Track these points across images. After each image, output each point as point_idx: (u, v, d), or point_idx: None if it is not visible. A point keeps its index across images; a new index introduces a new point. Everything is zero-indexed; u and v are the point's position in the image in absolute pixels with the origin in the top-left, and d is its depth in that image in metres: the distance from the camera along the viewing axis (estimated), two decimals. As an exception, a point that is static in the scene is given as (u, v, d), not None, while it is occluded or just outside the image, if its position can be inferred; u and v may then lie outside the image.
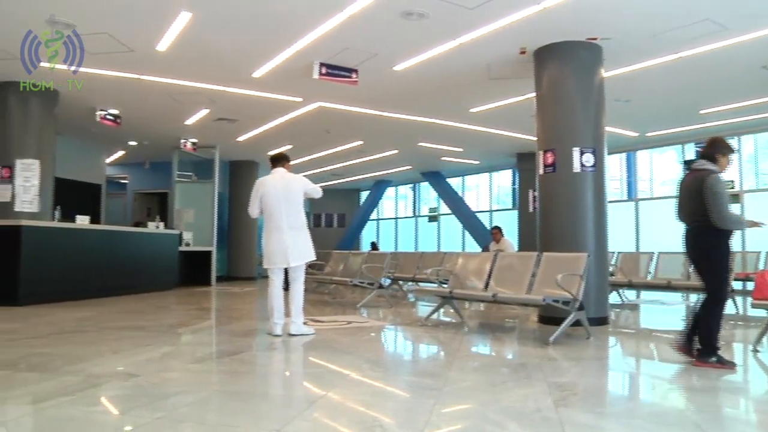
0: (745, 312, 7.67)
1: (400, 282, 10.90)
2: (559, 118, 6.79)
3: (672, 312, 8.46)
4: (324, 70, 7.40)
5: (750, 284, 7.59)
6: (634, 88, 8.58)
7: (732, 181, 11.42)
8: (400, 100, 9.44)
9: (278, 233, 5.46)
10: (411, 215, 20.87)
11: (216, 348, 5.25)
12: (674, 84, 8.49)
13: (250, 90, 8.82)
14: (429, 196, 20.06)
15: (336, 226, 21.31)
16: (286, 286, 5.59)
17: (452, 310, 6.80)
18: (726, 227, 4.07)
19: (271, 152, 6.39)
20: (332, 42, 6.78)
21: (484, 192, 18.15)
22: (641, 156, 14.04)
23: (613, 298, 8.24)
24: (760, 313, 5.47)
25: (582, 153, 6.54)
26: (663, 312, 8.50)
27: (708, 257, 4.17)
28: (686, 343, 4.27)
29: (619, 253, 10.09)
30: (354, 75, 7.65)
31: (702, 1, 5.80)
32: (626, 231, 13.20)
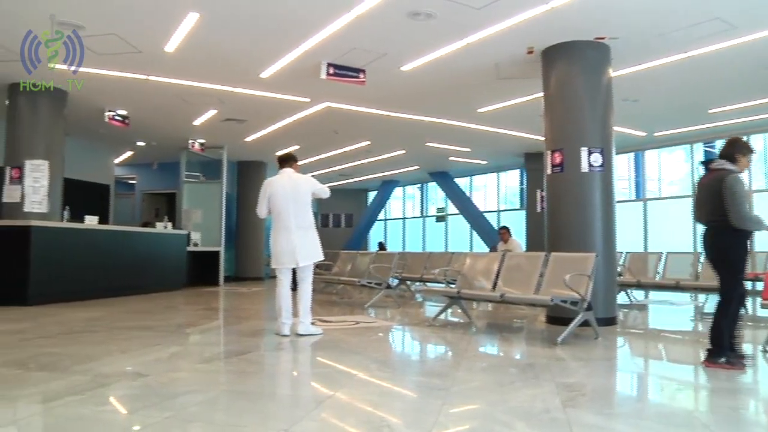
0: (754, 312, 7.61)
1: (408, 282, 10.90)
2: (567, 118, 6.77)
3: (681, 312, 8.42)
4: (331, 70, 7.42)
5: (759, 284, 7.54)
6: (642, 88, 8.54)
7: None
8: (407, 100, 9.44)
9: (286, 233, 5.48)
10: (419, 215, 20.84)
11: (224, 348, 5.26)
12: (682, 83, 8.44)
13: (257, 90, 8.84)
14: (437, 196, 20.03)
15: (344, 227, 21.31)
16: (294, 286, 5.60)
17: (460, 311, 6.80)
18: (745, 227, 4.04)
19: (278, 152, 6.41)
20: (340, 42, 6.79)
21: (492, 192, 18.11)
22: (649, 156, 13.98)
23: (621, 298, 8.21)
24: (770, 313, 5.43)
25: (590, 153, 6.51)
26: (672, 312, 8.45)
27: (726, 257, 4.15)
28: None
29: (628, 253, 10.05)
30: (361, 75, 7.66)
31: (711, 0, 5.76)
32: (634, 231, 13.12)
